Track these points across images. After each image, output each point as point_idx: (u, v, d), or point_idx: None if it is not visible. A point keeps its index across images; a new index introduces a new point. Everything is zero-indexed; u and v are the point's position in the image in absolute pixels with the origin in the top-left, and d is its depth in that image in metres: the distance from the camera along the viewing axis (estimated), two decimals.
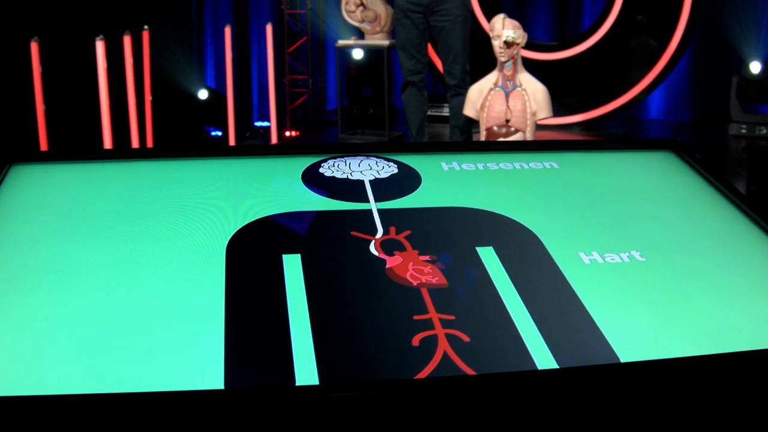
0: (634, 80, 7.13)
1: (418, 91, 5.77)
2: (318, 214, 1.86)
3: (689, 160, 2.24)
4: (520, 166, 2.12)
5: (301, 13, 8.46)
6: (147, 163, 2.07)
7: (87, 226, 1.78)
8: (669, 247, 1.81)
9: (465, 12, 5.50)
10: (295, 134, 7.78)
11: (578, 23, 8.18)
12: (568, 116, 7.33)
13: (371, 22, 6.81)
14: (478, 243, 1.76)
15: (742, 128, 7.04)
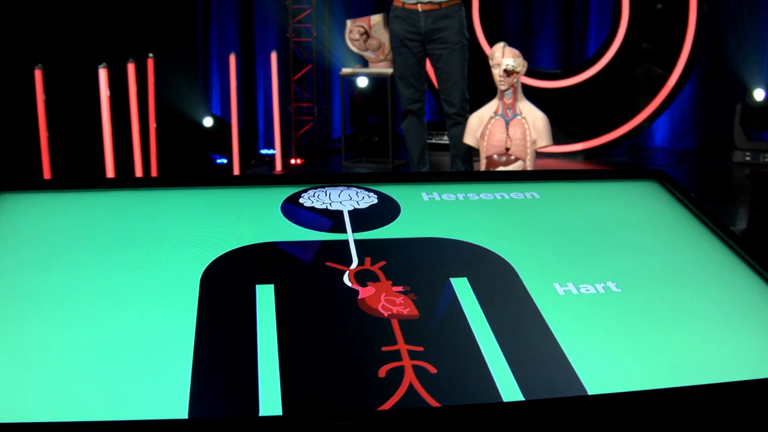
0: (638, 108, 7.13)
1: (417, 120, 5.78)
2: (294, 244, 1.86)
3: (673, 190, 2.23)
4: (501, 197, 2.12)
5: (307, 41, 8.51)
6: (127, 192, 2.08)
7: (63, 255, 1.79)
8: (646, 277, 1.81)
9: (463, 39, 5.51)
10: (300, 162, 7.80)
11: (583, 51, 8.19)
12: (571, 144, 7.33)
13: (375, 50, 6.84)
14: (452, 274, 1.76)
15: (746, 155, 7.03)
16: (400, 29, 5.56)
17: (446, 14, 5.47)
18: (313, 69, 8.56)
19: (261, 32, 8.75)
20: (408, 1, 5.48)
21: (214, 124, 7.77)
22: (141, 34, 7.29)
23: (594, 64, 7.24)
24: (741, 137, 7.07)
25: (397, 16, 5.57)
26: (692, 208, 2.15)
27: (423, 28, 5.48)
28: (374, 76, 7.09)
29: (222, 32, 8.65)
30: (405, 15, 5.52)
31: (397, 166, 6.85)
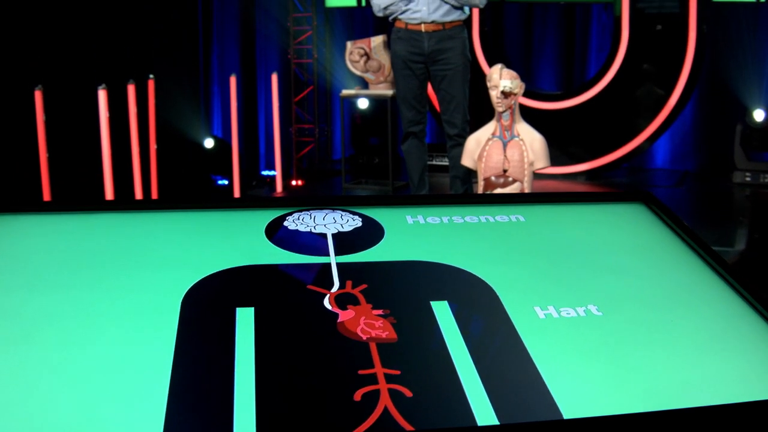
0: (638, 129, 7.15)
1: (418, 142, 5.79)
2: (276, 267, 1.87)
3: (659, 213, 2.23)
4: (486, 220, 2.12)
5: (308, 62, 8.55)
6: (112, 215, 2.09)
7: (44, 276, 1.80)
8: (628, 300, 1.80)
9: (465, 61, 5.53)
10: (301, 183, 7.81)
11: (583, 73, 8.22)
12: (572, 165, 7.34)
13: (375, 72, 6.87)
14: (433, 297, 1.76)
15: (747, 176, 7.03)
16: (403, 50, 5.58)
17: (450, 35, 5.49)
18: (314, 90, 8.60)
19: (262, 53, 8.79)
20: (411, 22, 5.50)
21: (215, 146, 7.80)
22: (142, 55, 7.33)
23: (594, 86, 7.26)
24: (741, 158, 7.07)
25: (399, 38, 5.59)
26: (678, 230, 2.15)
27: (426, 49, 5.50)
28: (375, 98, 7.11)
29: (223, 53, 8.69)
30: (408, 36, 5.53)
31: (397, 187, 6.87)
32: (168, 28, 7.85)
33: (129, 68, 6.68)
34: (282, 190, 7.32)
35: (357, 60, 6.89)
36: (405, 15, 5.50)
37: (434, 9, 5.44)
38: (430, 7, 5.43)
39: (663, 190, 7.23)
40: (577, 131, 7.35)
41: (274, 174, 7.48)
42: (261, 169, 8.63)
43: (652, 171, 7.98)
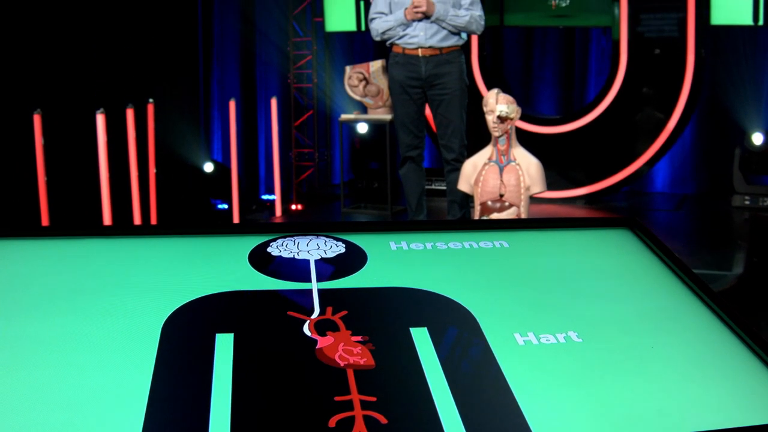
0: (637, 153, 7.16)
1: (416, 166, 5.80)
2: (258, 293, 1.87)
3: (645, 239, 2.23)
4: (470, 246, 2.12)
5: (308, 87, 8.58)
6: (97, 240, 2.10)
7: (25, 301, 1.80)
8: (608, 327, 1.80)
9: (463, 85, 5.55)
10: (300, 208, 7.83)
11: (583, 97, 8.24)
12: (571, 189, 7.34)
13: (374, 96, 6.89)
14: (412, 324, 1.76)
15: (746, 200, 7.02)
16: (400, 75, 5.60)
17: (447, 60, 5.51)
18: (314, 115, 8.63)
19: (262, 78, 8.84)
20: (408, 47, 5.52)
21: (214, 170, 7.82)
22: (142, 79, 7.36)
23: (593, 110, 7.28)
24: (740, 181, 7.07)
25: (397, 62, 5.61)
26: (663, 257, 2.15)
27: (424, 74, 5.52)
28: (373, 123, 7.13)
29: (223, 78, 8.73)
30: (405, 61, 5.56)
31: (395, 212, 6.87)
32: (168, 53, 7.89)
33: (128, 92, 6.71)
34: (281, 215, 7.33)
35: (356, 84, 6.91)
36: (402, 40, 5.53)
37: (431, 34, 5.46)
38: (428, 32, 5.46)
39: (662, 214, 7.23)
40: (576, 155, 7.36)
41: (274, 198, 7.50)
42: (261, 194, 8.65)
43: (652, 195, 7.99)
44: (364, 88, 6.90)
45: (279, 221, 7.17)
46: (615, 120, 7.18)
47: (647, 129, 7.12)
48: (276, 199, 7.30)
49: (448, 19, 5.42)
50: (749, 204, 7.00)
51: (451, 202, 5.66)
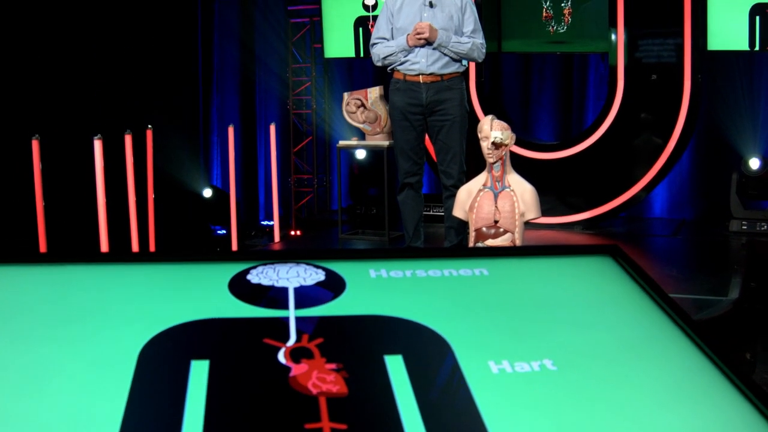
0: (635, 178, 7.17)
1: (414, 193, 5.81)
2: (235, 321, 1.88)
3: (626, 266, 2.24)
4: (449, 273, 2.13)
5: (307, 113, 8.62)
6: (77, 267, 2.11)
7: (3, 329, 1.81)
8: (584, 355, 1.80)
9: (463, 112, 5.57)
10: (299, 233, 7.85)
11: (581, 123, 8.27)
12: (569, 215, 7.35)
13: (372, 122, 6.92)
14: (387, 351, 1.76)
15: (743, 225, 7.03)
16: (401, 101, 5.61)
17: (448, 86, 5.54)
18: (313, 141, 8.66)
19: (262, 104, 8.88)
20: (409, 73, 5.54)
21: (213, 196, 7.85)
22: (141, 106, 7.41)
23: (590, 135, 7.30)
24: (737, 206, 7.08)
25: (398, 89, 5.63)
26: (644, 285, 2.15)
27: (425, 100, 5.53)
28: (372, 149, 7.15)
29: (223, 104, 8.78)
30: (406, 87, 5.58)
31: (393, 238, 6.88)
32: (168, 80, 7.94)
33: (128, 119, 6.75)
34: (280, 240, 7.34)
35: (354, 111, 6.95)
36: (403, 66, 5.55)
37: (433, 61, 5.49)
38: (429, 59, 5.48)
39: (659, 239, 7.24)
40: (574, 181, 7.37)
41: (273, 224, 7.52)
42: (260, 219, 8.68)
43: (650, 220, 8.00)
44: (362, 115, 6.93)
45: (277, 247, 7.18)
46: (612, 146, 7.20)
47: (645, 154, 7.13)
48: (274, 224, 7.31)
49: (450, 46, 5.45)
50: (746, 229, 7.01)
51: (448, 228, 5.66)
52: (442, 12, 5.53)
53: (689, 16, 6.94)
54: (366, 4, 7.98)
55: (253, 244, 7.77)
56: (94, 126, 6.17)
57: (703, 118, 7.42)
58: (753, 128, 7.37)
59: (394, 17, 5.63)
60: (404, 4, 5.61)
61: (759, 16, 6.92)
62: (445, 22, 5.50)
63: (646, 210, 8.06)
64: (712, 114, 7.60)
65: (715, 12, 7.02)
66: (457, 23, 5.54)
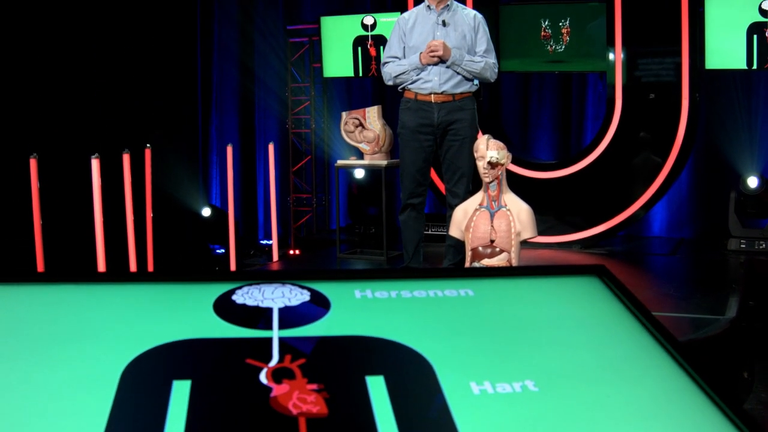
0: (633, 197, 7.17)
1: (417, 214, 5.79)
2: (218, 341, 1.88)
3: (612, 287, 2.24)
4: (434, 294, 2.13)
5: (306, 132, 8.64)
6: (61, 286, 2.11)
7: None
8: (567, 376, 1.80)
9: (474, 132, 5.57)
10: (297, 253, 7.85)
11: (580, 142, 8.28)
12: (567, 234, 7.35)
13: (370, 142, 6.93)
14: (369, 372, 1.76)
15: (742, 243, 7.03)
16: (412, 121, 5.60)
17: (459, 106, 5.53)
18: (312, 160, 8.68)
19: (261, 123, 8.91)
20: (421, 92, 5.54)
21: (212, 215, 7.86)
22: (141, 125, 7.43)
23: (588, 155, 7.31)
24: (736, 225, 7.08)
25: (409, 108, 5.62)
26: (629, 305, 2.15)
27: (436, 120, 5.53)
28: (370, 168, 7.16)
29: (222, 124, 8.81)
30: (418, 107, 5.57)
31: (391, 258, 6.88)
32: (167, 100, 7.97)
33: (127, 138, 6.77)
34: (278, 259, 7.35)
35: (352, 130, 6.96)
36: (415, 85, 5.55)
37: (445, 80, 5.49)
38: (442, 77, 5.48)
39: (658, 258, 7.23)
40: (572, 200, 7.37)
41: (271, 243, 7.53)
42: (260, 238, 8.69)
43: (649, 239, 8.00)
44: (360, 134, 6.94)
45: (275, 266, 7.19)
46: (611, 165, 7.21)
47: (643, 173, 7.14)
48: (273, 244, 7.32)
49: (464, 65, 5.45)
50: (745, 248, 7.01)
51: (448, 247, 5.66)
52: (455, 31, 5.54)
53: (687, 34, 6.96)
54: (365, 24, 8.02)
55: (252, 263, 7.78)
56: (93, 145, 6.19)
57: (701, 136, 7.43)
58: (751, 147, 7.39)
59: (406, 36, 5.63)
60: (417, 23, 5.62)
61: (756, 34, 6.94)
62: (458, 41, 5.51)
63: (644, 229, 8.07)
64: (710, 132, 7.62)
65: (713, 31, 7.04)
66: (470, 43, 5.55)
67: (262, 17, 8.91)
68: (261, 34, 8.86)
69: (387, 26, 7.97)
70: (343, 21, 8.16)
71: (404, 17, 5.72)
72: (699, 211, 7.92)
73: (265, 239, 8.59)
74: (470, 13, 5.65)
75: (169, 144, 7.74)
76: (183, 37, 8.63)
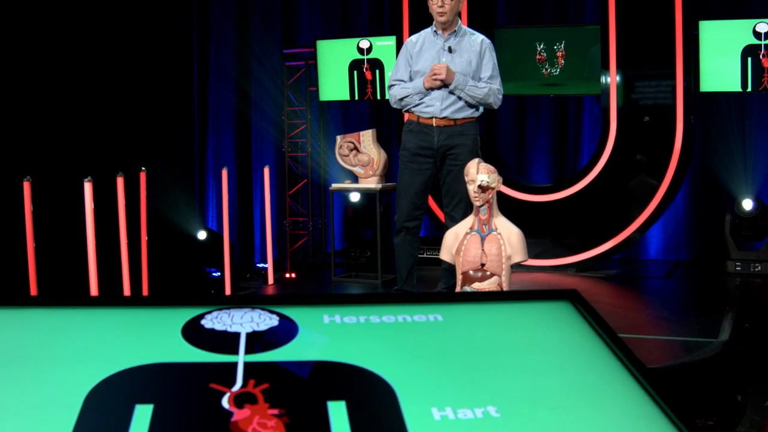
0: (628, 220, 7.16)
1: (411, 237, 5.78)
2: (184, 365, 1.89)
3: (584, 312, 2.24)
4: (403, 319, 2.13)
5: (302, 156, 8.66)
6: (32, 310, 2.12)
7: None
8: (530, 402, 1.80)
9: (475, 156, 5.54)
10: (293, 276, 7.85)
11: (576, 165, 8.29)
12: (563, 257, 7.35)
13: (364, 165, 6.94)
14: (331, 397, 1.76)
15: (737, 266, 7.02)
16: (412, 143, 5.60)
17: (461, 131, 5.54)
18: (308, 184, 8.69)
19: (258, 147, 8.94)
20: (423, 116, 5.55)
21: (207, 238, 7.88)
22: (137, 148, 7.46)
23: (583, 177, 7.31)
24: (731, 247, 7.07)
25: (410, 130, 5.63)
26: (600, 331, 2.15)
27: (436, 144, 5.53)
28: (365, 192, 7.17)
29: (219, 147, 8.84)
30: (419, 129, 5.58)
31: (386, 281, 6.87)
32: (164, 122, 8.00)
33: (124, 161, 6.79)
34: (274, 283, 7.35)
35: (346, 154, 6.98)
36: (418, 108, 5.57)
37: (447, 105, 5.50)
38: (444, 102, 5.49)
39: (653, 281, 7.22)
40: (567, 223, 7.37)
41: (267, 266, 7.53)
42: (256, 262, 8.69)
43: (645, 262, 7.99)
44: (355, 158, 6.96)
45: (271, 289, 7.19)
46: (606, 187, 7.21)
47: (638, 196, 7.14)
48: (268, 267, 7.32)
49: (467, 89, 5.45)
50: (740, 270, 7.00)
51: (443, 270, 5.64)
52: (461, 57, 5.55)
53: (681, 57, 6.98)
54: (361, 48, 8.05)
55: (248, 286, 7.78)
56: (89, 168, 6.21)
57: (696, 159, 7.44)
58: (746, 169, 7.39)
59: (413, 59, 5.65)
60: (424, 48, 5.63)
61: (750, 57, 6.96)
62: (463, 66, 5.52)
63: (641, 251, 8.06)
64: (705, 155, 7.63)
65: (707, 53, 7.07)
66: (475, 68, 5.55)
67: (258, 41, 8.96)
68: (257, 57, 8.91)
69: (383, 50, 8.00)
70: (339, 45, 8.20)
71: (412, 40, 5.74)
72: (695, 234, 7.91)
73: (262, 262, 8.60)
74: (478, 38, 5.65)
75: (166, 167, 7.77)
76: (180, 59, 8.68)
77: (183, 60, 8.77)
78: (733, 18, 7.11)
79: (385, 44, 7.98)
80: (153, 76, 8.07)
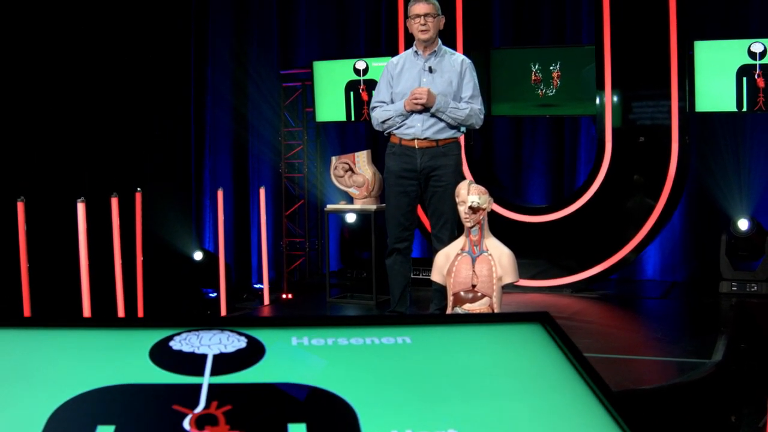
0: (625, 240, 7.15)
1: (403, 258, 5.77)
2: (148, 387, 1.89)
3: (554, 334, 2.24)
4: (371, 341, 2.13)
5: (299, 176, 8.68)
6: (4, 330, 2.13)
7: None
8: (492, 425, 1.80)
9: (458, 178, 5.52)
10: (290, 297, 7.85)
11: (573, 186, 8.28)
12: (559, 278, 7.33)
13: (359, 186, 6.95)
14: (292, 419, 1.77)
15: (733, 286, 7.01)
16: (396, 166, 5.61)
17: (443, 152, 5.54)
18: (305, 204, 8.70)
19: (254, 168, 8.96)
20: (405, 138, 5.56)
21: (204, 258, 7.88)
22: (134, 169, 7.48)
23: (579, 198, 7.30)
24: (727, 267, 7.06)
25: (393, 153, 5.64)
26: (568, 354, 2.15)
27: (419, 166, 5.53)
28: (360, 212, 7.18)
29: (215, 167, 8.86)
30: (402, 152, 5.58)
31: (381, 302, 6.87)
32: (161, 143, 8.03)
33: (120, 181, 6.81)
34: (269, 303, 7.35)
35: (341, 175, 6.99)
36: (399, 130, 5.57)
37: (428, 126, 5.49)
38: (425, 124, 5.49)
39: (650, 301, 7.21)
40: (564, 244, 7.36)
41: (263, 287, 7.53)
42: (253, 282, 8.70)
43: (641, 282, 7.97)
44: (350, 179, 6.97)
45: (266, 310, 7.19)
46: (601, 208, 7.20)
47: (634, 216, 7.13)
48: (264, 288, 7.32)
49: (448, 111, 5.45)
50: (736, 290, 6.98)
51: (435, 291, 5.63)
52: (442, 77, 5.55)
53: (676, 77, 6.99)
54: (357, 68, 8.08)
55: (244, 306, 7.78)
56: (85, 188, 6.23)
57: (691, 179, 7.43)
58: (741, 189, 7.39)
59: (394, 81, 5.67)
60: (404, 69, 5.65)
61: (746, 77, 6.97)
62: (444, 87, 5.53)
63: (637, 272, 8.04)
64: (701, 175, 7.62)
65: (703, 73, 7.07)
66: (456, 88, 5.55)
67: (255, 62, 8.99)
68: (254, 78, 8.94)
69: (379, 70, 7.98)
70: (336, 66, 8.22)
71: (393, 62, 5.76)
72: (691, 254, 7.89)
73: (259, 283, 8.60)
74: (458, 57, 5.66)
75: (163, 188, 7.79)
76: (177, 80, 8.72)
77: (180, 81, 8.81)
78: (728, 38, 7.11)
79: (381, 65, 7.96)
80: (150, 97, 8.11)
